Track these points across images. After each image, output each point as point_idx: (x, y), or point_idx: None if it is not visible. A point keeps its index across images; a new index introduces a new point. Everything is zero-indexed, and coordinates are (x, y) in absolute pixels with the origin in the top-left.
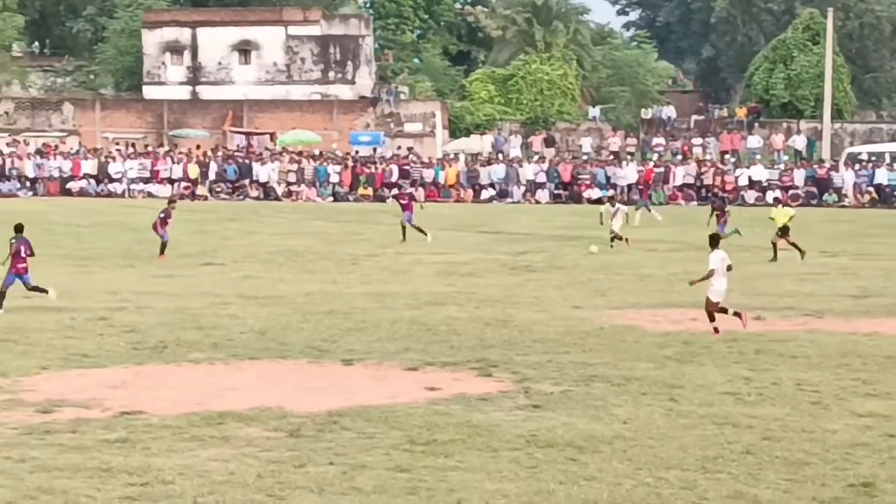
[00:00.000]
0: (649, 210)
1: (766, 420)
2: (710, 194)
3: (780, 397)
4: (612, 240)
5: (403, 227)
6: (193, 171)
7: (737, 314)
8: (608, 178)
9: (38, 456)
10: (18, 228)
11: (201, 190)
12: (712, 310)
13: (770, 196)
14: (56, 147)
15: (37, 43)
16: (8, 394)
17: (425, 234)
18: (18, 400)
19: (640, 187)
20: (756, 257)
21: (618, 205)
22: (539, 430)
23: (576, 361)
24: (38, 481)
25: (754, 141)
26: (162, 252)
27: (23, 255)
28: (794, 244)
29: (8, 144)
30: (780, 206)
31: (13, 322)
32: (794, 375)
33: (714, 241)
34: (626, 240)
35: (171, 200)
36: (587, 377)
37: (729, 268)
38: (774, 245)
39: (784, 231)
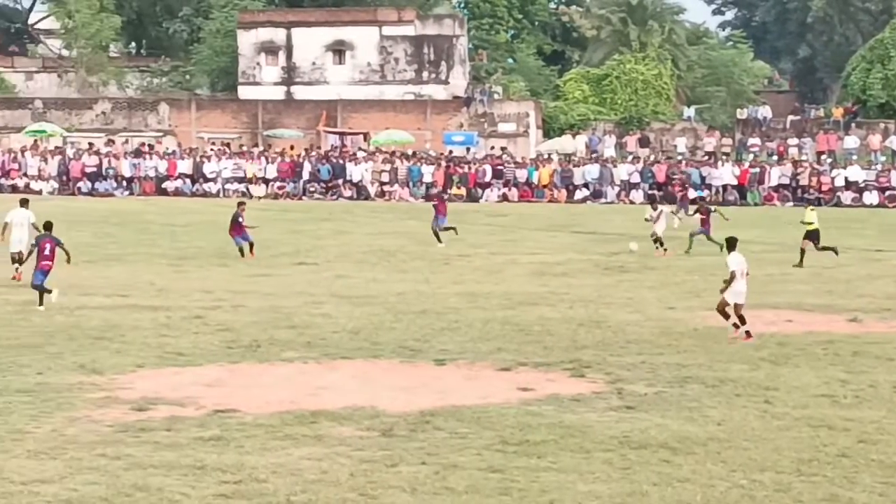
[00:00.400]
0: (688, 213)
1: (862, 423)
2: (699, 197)
3: (876, 400)
4: (654, 241)
5: (451, 228)
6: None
7: (735, 325)
8: (703, 179)
9: (134, 453)
10: (47, 226)
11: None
12: (720, 309)
13: (867, 197)
14: (152, 147)
15: (133, 44)
16: (104, 391)
17: (440, 242)
18: (114, 398)
19: (680, 191)
20: (851, 259)
21: (660, 207)
22: (632, 431)
23: (669, 363)
24: (133, 478)
25: (851, 141)
26: (246, 253)
27: (46, 252)
28: (804, 249)
29: (105, 144)
30: (809, 208)
31: (109, 320)
32: (890, 378)
33: (731, 244)
34: (664, 247)
35: (240, 203)
36: (681, 378)
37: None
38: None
39: (810, 235)
